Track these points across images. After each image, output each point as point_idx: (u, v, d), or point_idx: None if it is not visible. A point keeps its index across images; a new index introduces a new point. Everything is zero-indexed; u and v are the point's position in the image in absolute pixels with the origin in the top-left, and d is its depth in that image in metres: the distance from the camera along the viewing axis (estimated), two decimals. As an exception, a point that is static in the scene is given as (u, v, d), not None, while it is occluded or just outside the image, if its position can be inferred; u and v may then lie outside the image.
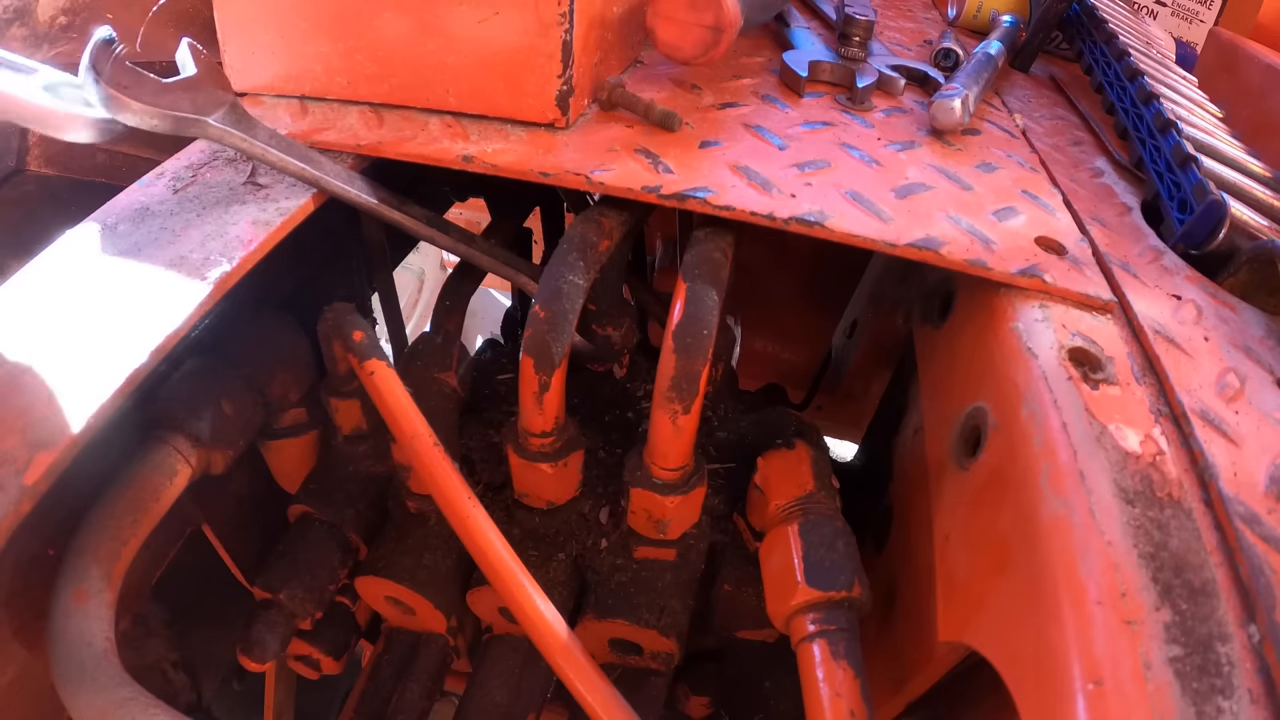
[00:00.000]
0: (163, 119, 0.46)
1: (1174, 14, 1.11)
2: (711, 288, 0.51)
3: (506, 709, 0.64)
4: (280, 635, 0.62)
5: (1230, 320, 0.49)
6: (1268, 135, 0.84)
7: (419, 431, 0.55)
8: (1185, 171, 0.60)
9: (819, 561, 0.51)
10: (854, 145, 0.61)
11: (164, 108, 0.46)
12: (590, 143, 0.56)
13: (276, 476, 0.68)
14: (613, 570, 0.62)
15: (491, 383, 0.75)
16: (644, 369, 0.75)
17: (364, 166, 0.56)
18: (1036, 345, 0.44)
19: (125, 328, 0.41)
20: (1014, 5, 0.96)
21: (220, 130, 0.48)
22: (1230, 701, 0.30)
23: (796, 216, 0.51)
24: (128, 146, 0.93)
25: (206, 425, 0.51)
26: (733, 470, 0.66)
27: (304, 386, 0.63)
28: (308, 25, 0.56)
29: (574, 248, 0.54)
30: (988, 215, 0.54)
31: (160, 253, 0.46)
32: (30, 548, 0.43)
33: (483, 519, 0.53)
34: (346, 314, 0.59)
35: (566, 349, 0.52)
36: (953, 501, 0.48)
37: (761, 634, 0.65)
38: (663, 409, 0.52)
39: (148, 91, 0.45)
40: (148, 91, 0.45)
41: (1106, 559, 0.33)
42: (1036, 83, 0.88)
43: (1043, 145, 0.69)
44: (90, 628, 0.40)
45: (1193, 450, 0.39)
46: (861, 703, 0.45)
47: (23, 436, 0.35)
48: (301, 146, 0.51)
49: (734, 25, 0.60)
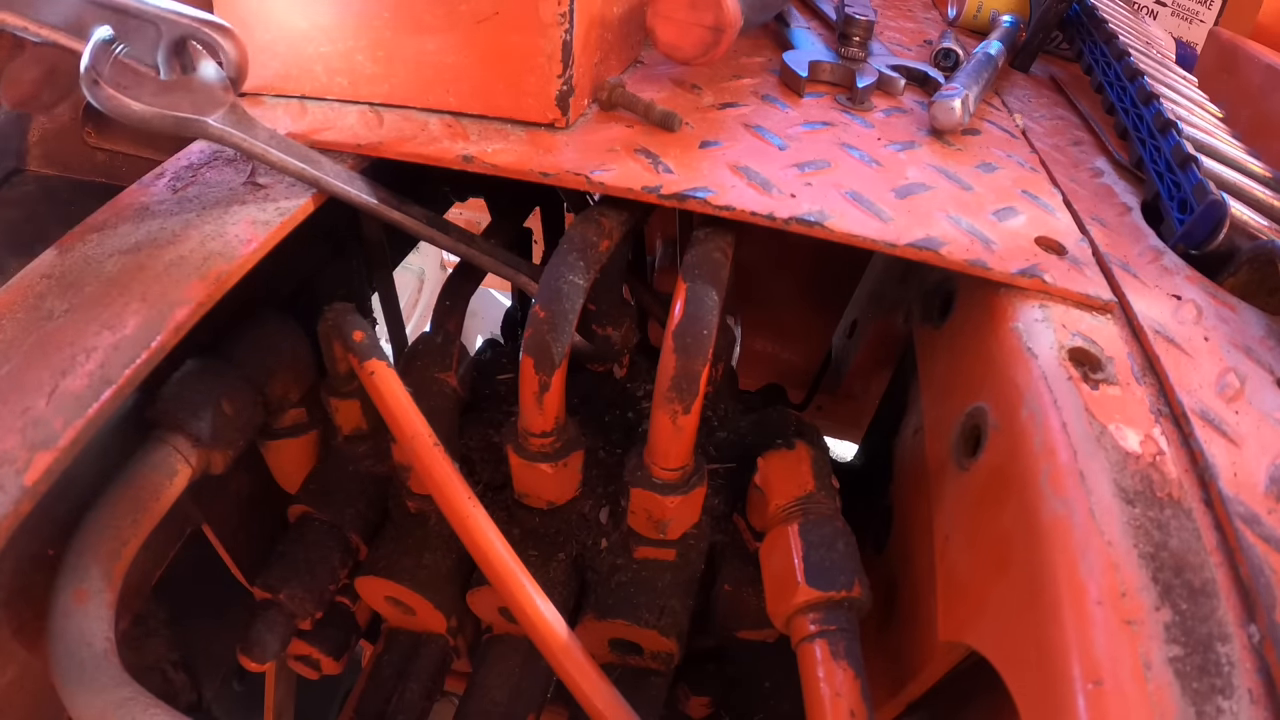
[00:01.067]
0: (162, 119, 0.46)
1: (1174, 14, 1.11)
2: (711, 288, 0.51)
3: (506, 709, 0.64)
4: (280, 635, 0.62)
5: (1230, 320, 0.49)
6: (1268, 135, 0.84)
7: (419, 431, 0.55)
8: (1185, 171, 0.60)
9: (819, 561, 0.51)
10: (854, 145, 0.61)
11: (164, 108, 0.46)
12: (590, 143, 0.56)
13: (276, 476, 0.68)
14: (613, 570, 0.62)
15: (491, 383, 0.75)
16: (644, 369, 0.75)
17: (364, 166, 0.56)
18: (1036, 345, 0.44)
19: (125, 327, 0.41)
20: (1014, 5, 0.96)
21: (220, 130, 0.48)
22: (1230, 701, 0.30)
23: (796, 216, 0.51)
24: (128, 146, 0.93)
25: (206, 425, 0.51)
26: (733, 470, 0.66)
27: (304, 386, 0.63)
28: (308, 25, 0.56)
29: (574, 248, 0.54)
30: (988, 215, 0.54)
31: (160, 253, 0.46)
32: (30, 548, 0.43)
33: (483, 519, 0.53)
34: (346, 314, 0.59)
35: (566, 349, 0.52)
36: (953, 501, 0.48)
37: (761, 634, 0.65)
38: (663, 409, 0.52)
39: (148, 91, 0.45)
40: (148, 91, 0.45)
41: (1106, 559, 0.33)
42: (1036, 83, 0.88)
43: (1043, 145, 0.69)
44: (90, 628, 0.40)
45: (1193, 450, 0.39)
46: (861, 703, 0.45)
47: (23, 436, 0.35)
48: (302, 146, 0.51)
49: (734, 25, 0.60)
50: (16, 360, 0.39)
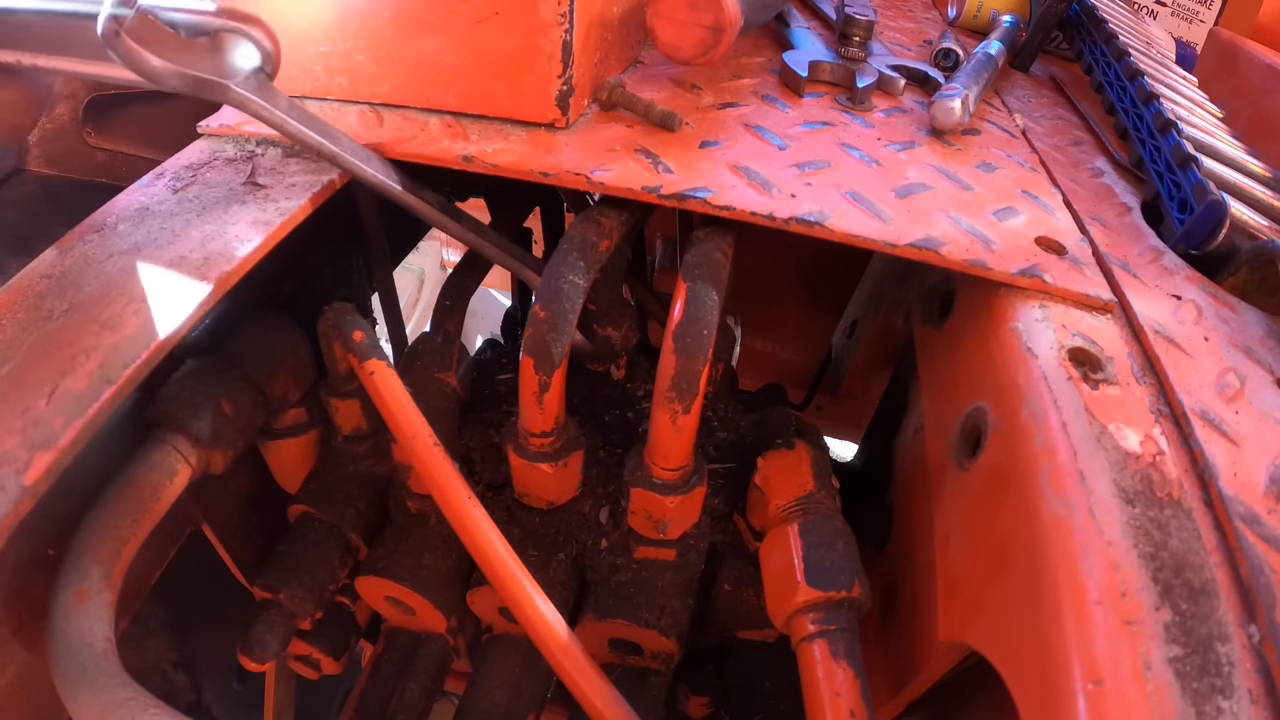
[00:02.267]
0: (182, 79, 0.44)
1: (1174, 14, 1.11)
2: (711, 288, 0.51)
3: (506, 709, 0.64)
4: (280, 635, 0.62)
5: (1230, 320, 0.49)
6: (1268, 135, 0.84)
7: (419, 431, 0.55)
8: (1185, 171, 0.60)
9: (819, 561, 0.51)
10: (854, 145, 0.61)
11: (185, 66, 0.44)
12: (590, 143, 0.56)
13: (276, 476, 0.68)
14: (613, 570, 0.62)
15: (491, 383, 0.75)
16: (644, 369, 0.75)
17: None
18: (1036, 345, 0.44)
19: (125, 327, 0.41)
20: (1014, 5, 0.96)
21: (241, 96, 0.46)
22: (1230, 701, 0.30)
23: (796, 216, 0.51)
24: (128, 146, 0.93)
25: (206, 425, 0.51)
26: (733, 470, 0.66)
27: (304, 386, 0.63)
28: (307, 25, 0.56)
29: (574, 248, 0.54)
30: (988, 215, 0.54)
31: (160, 253, 0.46)
32: (30, 548, 0.43)
33: (483, 519, 0.53)
34: (346, 314, 0.59)
35: (566, 349, 0.52)
36: (953, 501, 0.48)
37: (761, 634, 0.65)
38: (663, 409, 0.52)
39: (169, 49, 0.43)
40: (169, 49, 0.43)
41: (1106, 559, 0.33)
42: (1036, 83, 0.88)
43: (1043, 145, 0.69)
44: (90, 628, 0.40)
45: (1193, 450, 0.39)
46: (861, 703, 0.45)
47: (23, 436, 0.36)
48: (321, 120, 0.50)
49: (734, 25, 0.60)
50: (16, 360, 0.39)
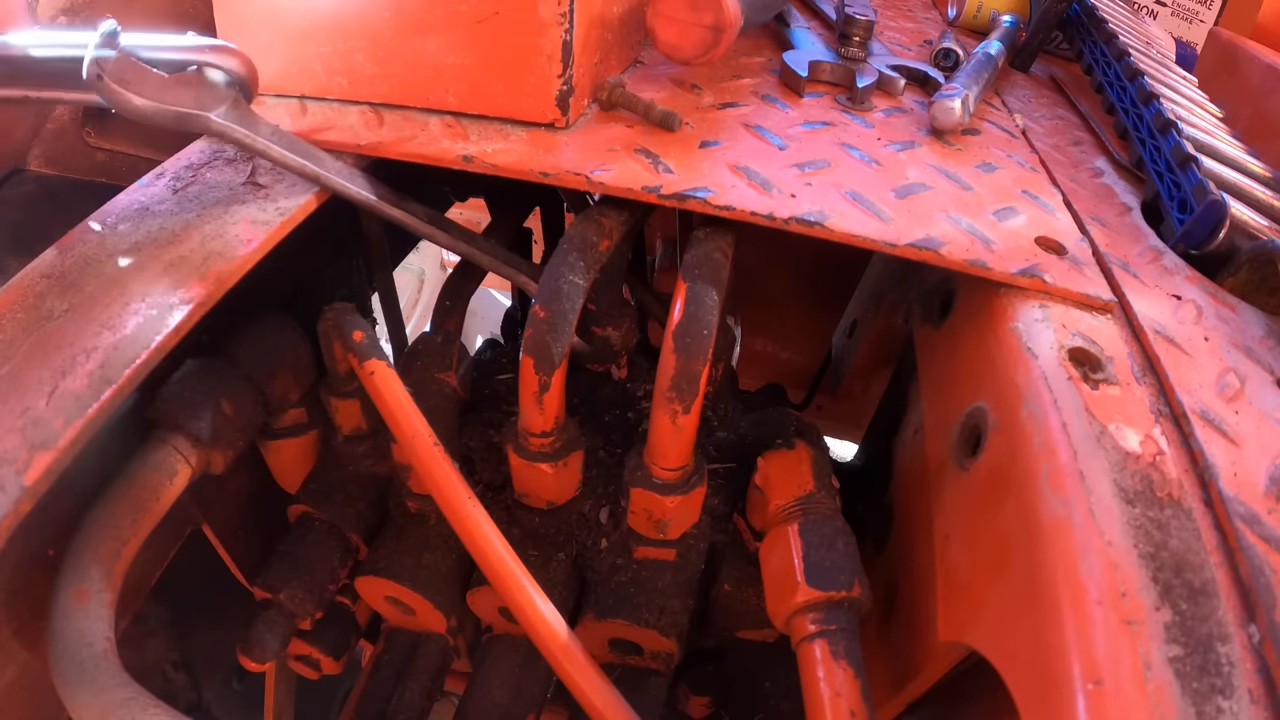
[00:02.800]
0: (165, 114, 0.46)
1: (1174, 14, 1.11)
2: (711, 288, 0.51)
3: (506, 709, 0.64)
4: (280, 635, 0.62)
5: (1230, 320, 0.49)
6: (1268, 135, 0.84)
7: (419, 431, 0.55)
8: (1185, 171, 0.60)
9: (819, 561, 0.51)
10: (854, 145, 0.61)
11: (166, 103, 0.45)
12: (590, 143, 0.56)
13: (276, 476, 0.68)
14: (613, 570, 0.62)
15: (491, 383, 0.75)
16: (644, 369, 0.75)
17: (365, 166, 0.56)
18: (1036, 345, 0.44)
19: (125, 327, 0.41)
20: (1014, 5, 0.96)
21: (223, 126, 0.48)
22: (1230, 701, 0.30)
23: (796, 216, 0.51)
24: (127, 146, 0.93)
25: (206, 425, 0.51)
26: (733, 470, 0.66)
27: (304, 386, 0.63)
28: (308, 25, 0.56)
29: (574, 248, 0.54)
30: (988, 215, 0.54)
31: (160, 253, 0.46)
32: (30, 548, 0.43)
33: (483, 519, 0.53)
34: (346, 314, 0.59)
35: (566, 349, 0.52)
36: (953, 501, 0.48)
37: (761, 634, 0.65)
38: (663, 409, 0.52)
39: (151, 86, 0.45)
40: (151, 86, 0.45)
41: (1106, 559, 0.33)
42: (1036, 83, 0.88)
43: (1043, 145, 0.69)
44: (90, 628, 0.40)
45: (1193, 450, 0.39)
46: (861, 703, 0.45)
47: (23, 436, 0.36)
48: (304, 143, 0.51)
49: (734, 25, 0.60)
50: (16, 360, 0.39)
